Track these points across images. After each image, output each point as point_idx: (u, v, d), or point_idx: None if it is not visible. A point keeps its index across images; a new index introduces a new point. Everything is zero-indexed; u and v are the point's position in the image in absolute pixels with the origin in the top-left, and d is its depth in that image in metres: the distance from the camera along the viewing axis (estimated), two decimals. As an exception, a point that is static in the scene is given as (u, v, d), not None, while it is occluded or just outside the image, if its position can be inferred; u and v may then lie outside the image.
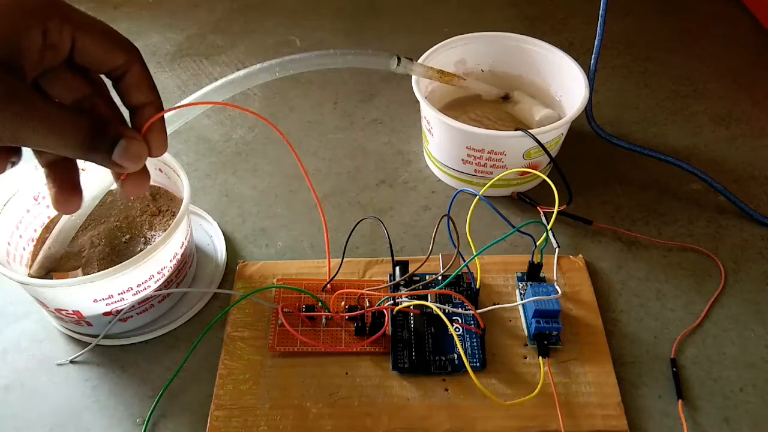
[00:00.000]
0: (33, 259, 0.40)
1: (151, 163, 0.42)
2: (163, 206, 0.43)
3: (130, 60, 0.26)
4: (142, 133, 0.27)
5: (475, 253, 0.38)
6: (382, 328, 0.38)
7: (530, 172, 0.47)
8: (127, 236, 0.41)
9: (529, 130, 0.43)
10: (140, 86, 0.27)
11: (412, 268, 0.41)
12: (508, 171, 0.45)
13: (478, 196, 0.39)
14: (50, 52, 0.24)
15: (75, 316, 0.37)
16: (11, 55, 0.23)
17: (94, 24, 0.25)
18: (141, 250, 0.36)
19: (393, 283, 0.41)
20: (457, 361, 0.37)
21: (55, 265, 0.39)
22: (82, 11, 0.25)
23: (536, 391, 0.35)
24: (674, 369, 0.38)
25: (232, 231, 0.46)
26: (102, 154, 0.25)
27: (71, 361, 0.39)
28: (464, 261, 0.38)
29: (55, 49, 0.24)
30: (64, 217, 0.38)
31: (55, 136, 0.24)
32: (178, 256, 0.39)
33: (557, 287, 0.38)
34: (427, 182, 0.50)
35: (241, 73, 0.38)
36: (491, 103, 0.52)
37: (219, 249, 0.45)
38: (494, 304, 0.40)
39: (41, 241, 0.41)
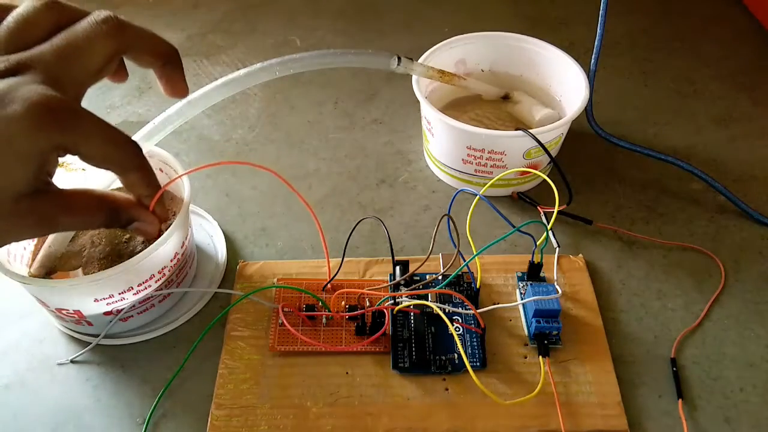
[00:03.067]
0: (33, 259, 0.40)
1: (151, 162, 0.42)
2: (163, 206, 0.43)
3: (126, 169, 0.30)
4: (150, 210, 0.33)
5: (475, 253, 0.38)
6: (382, 328, 0.38)
7: (530, 172, 0.47)
8: (128, 236, 0.41)
9: (529, 130, 0.43)
10: (134, 187, 0.32)
11: (412, 268, 0.41)
12: (509, 171, 0.45)
13: (478, 196, 0.39)
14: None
15: (75, 316, 0.37)
16: (36, 179, 0.27)
17: (94, 140, 0.28)
18: (141, 250, 0.36)
19: (393, 282, 0.41)
20: (457, 361, 0.38)
21: (56, 263, 0.39)
22: (89, 131, 0.27)
23: (536, 390, 0.35)
24: (674, 368, 0.38)
25: (233, 231, 0.47)
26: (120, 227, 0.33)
27: (72, 361, 0.39)
28: (464, 261, 0.38)
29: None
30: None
31: (80, 224, 0.31)
32: (179, 256, 0.39)
33: (557, 287, 0.38)
34: (428, 182, 0.50)
35: (242, 72, 0.38)
36: (491, 103, 0.52)
37: (219, 249, 0.45)
38: (494, 304, 0.40)
39: (42, 240, 0.41)
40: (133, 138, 0.39)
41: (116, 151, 0.29)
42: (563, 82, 0.50)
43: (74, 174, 0.42)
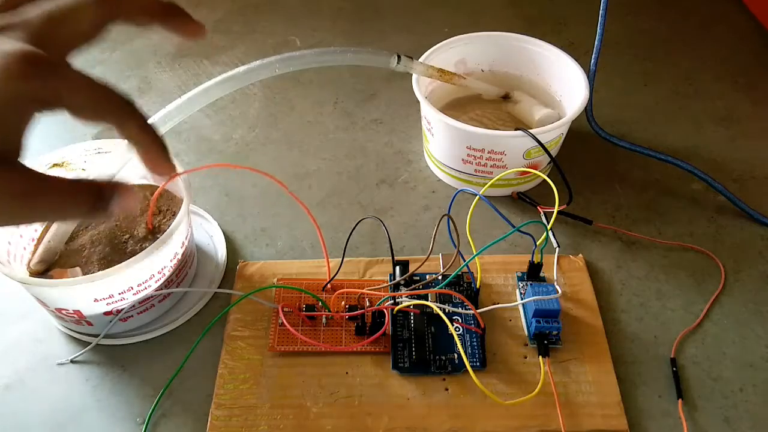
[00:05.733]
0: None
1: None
2: (163, 206, 0.43)
3: (123, 119, 0.27)
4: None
5: (475, 253, 0.38)
6: (382, 328, 0.38)
7: (530, 172, 0.47)
8: (127, 236, 0.41)
9: (529, 130, 0.43)
10: (137, 141, 0.28)
11: (412, 268, 0.41)
12: (509, 171, 0.45)
13: (478, 196, 0.39)
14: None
15: (75, 316, 0.37)
16: (10, 146, 0.24)
17: (82, 90, 0.26)
18: (141, 250, 0.36)
19: (393, 282, 0.41)
20: (457, 361, 0.38)
21: (55, 259, 0.39)
22: (72, 81, 0.25)
23: (536, 390, 0.35)
24: (674, 369, 0.38)
25: (233, 231, 0.47)
26: (102, 214, 0.27)
27: (72, 361, 0.39)
28: (464, 261, 0.38)
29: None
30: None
31: (59, 207, 0.26)
32: (179, 256, 0.39)
33: (557, 287, 0.38)
34: (427, 182, 0.50)
35: (242, 69, 0.38)
36: (491, 103, 0.52)
37: (219, 249, 0.45)
38: (494, 304, 0.40)
39: (42, 240, 0.41)
40: None
41: (108, 98, 0.26)
42: (563, 82, 0.50)
43: (74, 174, 0.42)
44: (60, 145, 0.42)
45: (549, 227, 0.39)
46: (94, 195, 0.27)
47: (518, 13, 0.69)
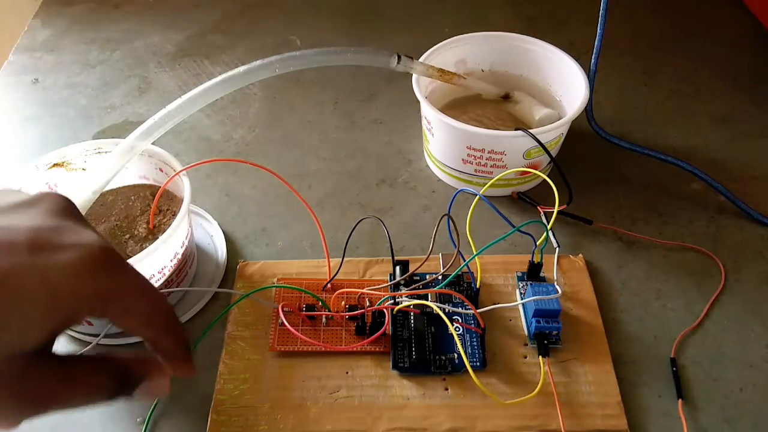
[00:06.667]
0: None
1: (151, 162, 0.42)
2: (163, 206, 0.43)
3: (163, 334, 0.26)
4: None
5: (475, 253, 0.38)
6: (382, 328, 0.38)
7: (530, 172, 0.47)
8: (128, 236, 0.41)
9: (530, 130, 0.43)
10: (167, 355, 0.26)
11: (412, 268, 0.41)
12: (509, 171, 0.45)
13: (478, 196, 0.39)
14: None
15: (75, 316, 0.37)
16: (50, 339, 0.23)
17: (139, 304, 0.25)
18: (141, 250, 0.36)
19: (393, 282, 0.41)
20: (457, 361, 0.38)
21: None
22: (134, 284, 0.24)
23: (536, 390, 0.35)
24: (674, 369, 0.38)
25: (233, 230, 0.47)
26: (125, 397, 0.26)
27: (72, 361, 0.39)
28: (464, 260, 0.38)
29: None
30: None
31: (80, 399, 0.24)
32: (179, 256, 0.39)
33: (557, 287, 0.38)
34: (428, 182, 0.50)
35: (242, 69, 0.38)
36: (491, 103, 0.52)
37: (219, 248, 0.45)
38: (494, 304, 0.40)
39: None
40: (134, 133, 0.39)
41: (159, 308, 0.25)
42: (563, 82, 0.50)
43: (74, 174, 0.42)
44: (60, 145, 0.42)
45: (549, 227, 0.39)
46: (117, 379, 0.25)
47: (518, 13, 0.69)
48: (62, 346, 0.40)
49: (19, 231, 0.22)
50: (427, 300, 0.39)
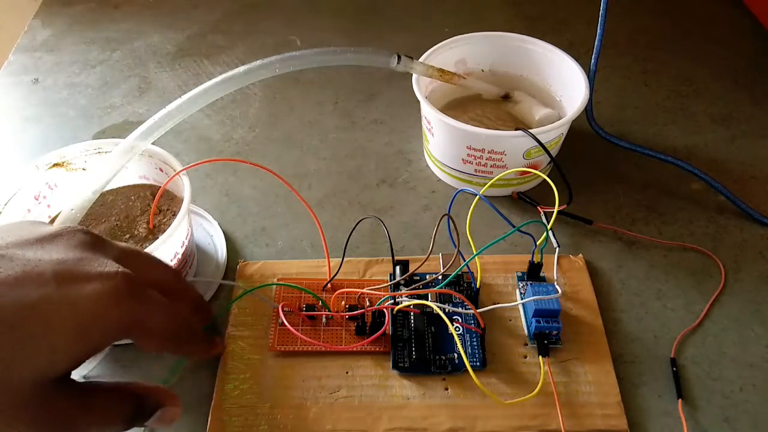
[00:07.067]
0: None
1: (151, 162, 0.42)
2: (163, 206, 0.43)
3: (185, 350, 0.31)
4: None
5: (475, 253, 0.38)
6: (382, 328, 0.38)
7: (530, 172, 0.47)
8: (128, 235, 0.41)
9: (530, 130, 0.43)
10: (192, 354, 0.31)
11: (412, 268, 0.41)
12: (509, 171, 0.45)
13: (478, 196, 0.39)
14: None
15: (75, 316, 0.37)
16: (75, 367, 0.24)
17: (159, 326, 0.27)
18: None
19: (393, 282, 0.41)
20: (457, 361, 0.38)
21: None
22: (155, 308, 0.26)
23: (536, 390, 0.35)
24: (674, 368, 0.38)
25: (233, 230, 0.47)
26: (139, 425, 0.27)
27: (72, 361, 0.39)
28: (464, 260, 0.38)
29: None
30: (64, 212, 0.38)
31: (97, 427, 0.26)
32: (179, 256, 0.39)
33: (557, 287, 0.38)
34: (428, 182, 0.50)
35: (242, 69, 0.38)
36: (491, 103, 0.52)
37: (219, 248, 0.45)
38: (494, 304, 0.40)
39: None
40: (134, 133, 0.39)
41: (182, 327, 0.28)
42: (563, 82, 0.50)
43: (74, 174, 0.42)
44: (60, 145, 0.42)
45: (549, 227, 0.39)
46: (133, 408, 0.26)
47: (518, 13, 0.69)
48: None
49: (45, 264, 0.23)
50: (427, 300, 0.39)
